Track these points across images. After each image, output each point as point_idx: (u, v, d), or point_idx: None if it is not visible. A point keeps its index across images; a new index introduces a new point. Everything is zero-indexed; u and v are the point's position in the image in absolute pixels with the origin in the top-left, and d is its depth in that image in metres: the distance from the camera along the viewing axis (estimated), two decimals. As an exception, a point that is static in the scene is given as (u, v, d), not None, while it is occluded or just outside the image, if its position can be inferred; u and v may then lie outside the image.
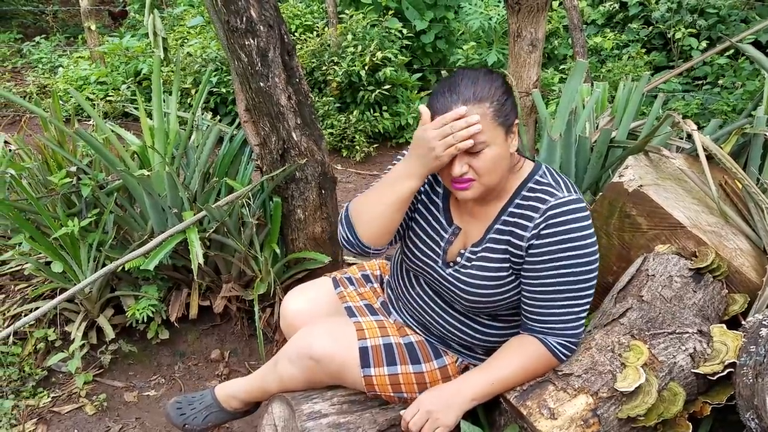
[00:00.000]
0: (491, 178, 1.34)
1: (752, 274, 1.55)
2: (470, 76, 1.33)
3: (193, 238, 2.07)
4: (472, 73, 1.34)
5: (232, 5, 1.85)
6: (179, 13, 5.90)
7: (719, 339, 1.42)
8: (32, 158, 2.46)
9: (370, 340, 1.53)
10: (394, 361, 1.52)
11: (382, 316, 1.65)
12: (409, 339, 1.58)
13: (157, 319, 2.39)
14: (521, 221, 1.37)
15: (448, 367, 1.57)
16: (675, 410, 1.31)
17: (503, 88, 1.33)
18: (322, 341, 1.52)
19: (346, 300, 1.70)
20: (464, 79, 1.32)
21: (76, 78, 5.21)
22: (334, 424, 1.50)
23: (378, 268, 1.87)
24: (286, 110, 2.05)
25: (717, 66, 4.74)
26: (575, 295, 1.34)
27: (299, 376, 1.56)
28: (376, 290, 1.79)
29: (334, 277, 1.80)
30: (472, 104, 1.28)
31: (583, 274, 1.33)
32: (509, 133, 1.34)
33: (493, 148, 1.31)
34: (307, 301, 1.75)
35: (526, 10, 1.93)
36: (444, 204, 1.52)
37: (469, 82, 1.31)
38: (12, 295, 2.46)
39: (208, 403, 1.79)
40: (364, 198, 1.47)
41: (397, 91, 4.74)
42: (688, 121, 1.75)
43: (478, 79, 1.32)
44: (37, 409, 2.19)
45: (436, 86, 1.36)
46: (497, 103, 1.30)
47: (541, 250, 1.33)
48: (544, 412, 1.31)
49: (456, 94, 1.30)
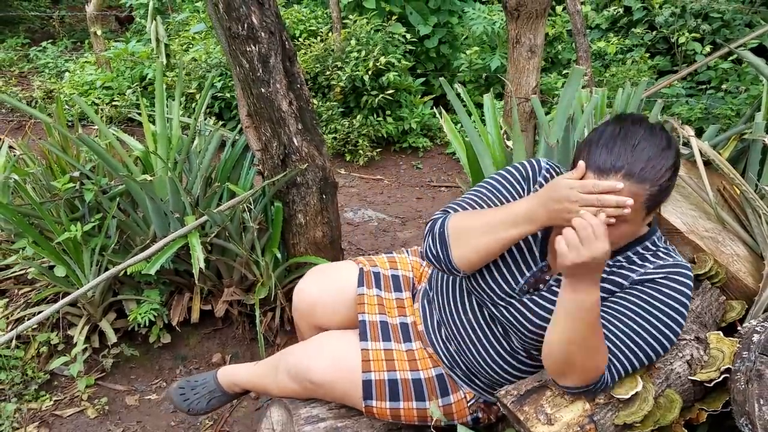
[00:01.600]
0: (615, 247, 1.25)
1: (749, 279, 1.55)
2: (648, 146, 1.15)
3: (195, 242, 2.08)
4: (651, 140, 1.16)
5: (234, 12, 1.86)
6: (184, 19, 5.94)
7: (716, 346, 1.42)
8: (36, 163, 2.48)
9: (375, 373, 1.48)
10: (398, 397, 1.48)
11: (394, 342, 1.55)
12: (418, 375, 1.51)
13: (158, 323, 2.41)
14: (631, 266, 1.30)
15: (453, 405, 1.53)
16: (671, 417, 1.32)
17: (672, 170, 1.18)
18: (323, 367, 1.49)
19: (364, 310, 1.59)
20: (640, 147, 1.15)
21: (81, 83, 5.24)
22: (332, 428, 1.51)
23: (411, 269, 1.74)
24: (287, 116, 2.06)
25: (721, 70, 4.73)
26: (654, 348, 1.27)
27: (299, 392, 1.56)
28: (403, 303, 1.65)
29: (361, 267, 1.67)
30: (632, 181, 1.13)
31: (669, 338, 1.26)
32: (649, 214, 1.23)
33: (627, 226, 1.20)
34: (328, 286, 1.66)
35: (525, 17, 1.94)
36: (544, 234, 1.38)
37: (643, 154, 1.14)
38: (15, 299, 2.47)
39: (211, 388, 1.83)
40: (469, 221, 1.34)
41: (401, 95, 4.75)
42: (686, 127, 1.75)
43: (653, 156, 1.15)
44: (40, 412, 2.21)
45: (605, 131, 1.19)
46: (658, 188, 1.16)
47: (653, 294, 1.26)
48: (541, 418, 1.32)
49: (623, 162, 1.13)
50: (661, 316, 1.25)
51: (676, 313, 1.25)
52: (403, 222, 3.73)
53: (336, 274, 1.70)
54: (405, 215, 3.83)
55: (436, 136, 4.94)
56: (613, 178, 1.14)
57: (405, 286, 1.69)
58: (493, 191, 1.42)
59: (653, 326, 1.25)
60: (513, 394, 1.36)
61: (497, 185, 1.43)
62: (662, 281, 1.27)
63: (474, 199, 1.43)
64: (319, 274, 1.71)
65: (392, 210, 3.91)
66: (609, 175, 1.14)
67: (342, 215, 3.59)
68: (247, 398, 2.30)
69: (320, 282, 1.68)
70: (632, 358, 1.27)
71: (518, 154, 1.89)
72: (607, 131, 1.18)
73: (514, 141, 1.90)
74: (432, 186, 4.35)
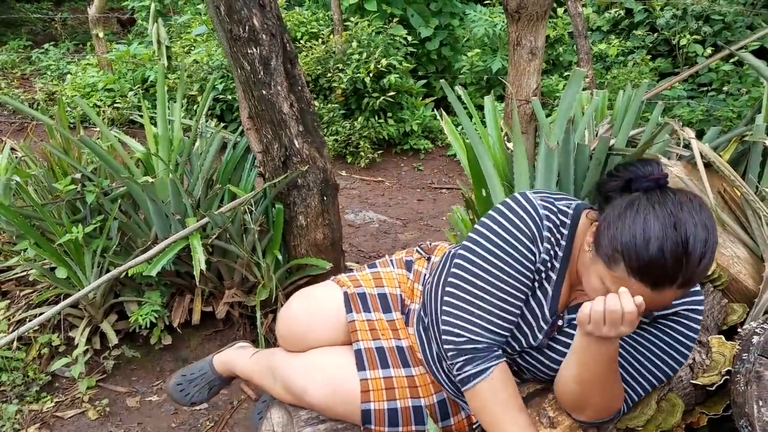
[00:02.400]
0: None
1: (749, 282, 1.55)
2: (707, 247, 1.03)
3: (196, 244, 2.08)
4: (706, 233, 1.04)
5: (235, 14, 1.87)
6: (186, 21, 5.95)
7: (717, 350, 1.42)
8: (38, 165, 2.49)
9: (374, 403, 1.42)
10: (397, 423, 1.43)
11: (392, 369, 1.47)
12: (419, 402, 1.44)
13: (160, 324, 2.41)
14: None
15: (453, 426, 1.49)
16: (673, 421, 1.32)
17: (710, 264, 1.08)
18: (320, 393, 1.44)
19: (358, 337, 1.50)
20: (702, 248, 1.03)
21: (83, 85, 5.26)
22: (332, 429, 1.50)
23: (398, 285, 1.63)
24: (288, 118, 2.07)
25: (722, 72, 4.73)
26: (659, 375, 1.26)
27: (295, 403, 1.55)
28: (395, 325, 1.56)
29: (345, 292, 1.57)
30: (683, 288, 1.05)
31: (677, 363, 1.25)
32: None
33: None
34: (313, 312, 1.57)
35: (526, 19, 1.94)
36: (556, 291, 1.27)
37: (705, 259, 1.03)
38: (17, 301, 2.48)
39: (210, 378, 1.85)
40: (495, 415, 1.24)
41: (402, 97, 4.76)
42: (687, 129, 1.75)
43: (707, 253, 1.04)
44: (41, 413, 2.21)
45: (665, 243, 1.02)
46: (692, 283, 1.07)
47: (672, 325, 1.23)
48: (544, 421, 1.32)
49: (682, 277, 1.03)
50: (678, 346, 1.25)
51: (690, 341, 1.25)
52: (404, 224, 3.73)
53: (322, 299, 1.58)
54: (406, 217, 3.83)
55: (437, 138, 4.94)
56: (671, 290, 1.05)
57: (394, 305, 1.59)
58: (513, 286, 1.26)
59: (669, 356, 1.25)
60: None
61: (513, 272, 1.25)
62: (684, 313, 1.24)
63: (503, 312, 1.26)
64: (304, 301, 1.59)
65: (393, 212, 3.91)
66: (665, 288, 1.04)
67: (343, 217, 3.59)
68: (247, 399, 2.30)
69: (308, 309, 1.58)
70: (645, 386, 1.27)
71: (519, 156, 1.89)
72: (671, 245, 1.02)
73: (515, 143, 1.90)
74: (433, 188, 4.35)
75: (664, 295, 1.05)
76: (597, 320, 1.04)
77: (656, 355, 1.25)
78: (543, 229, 1.24)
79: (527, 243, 1.23)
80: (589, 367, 1.14)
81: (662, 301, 1.07)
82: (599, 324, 1.04)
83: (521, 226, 1.24)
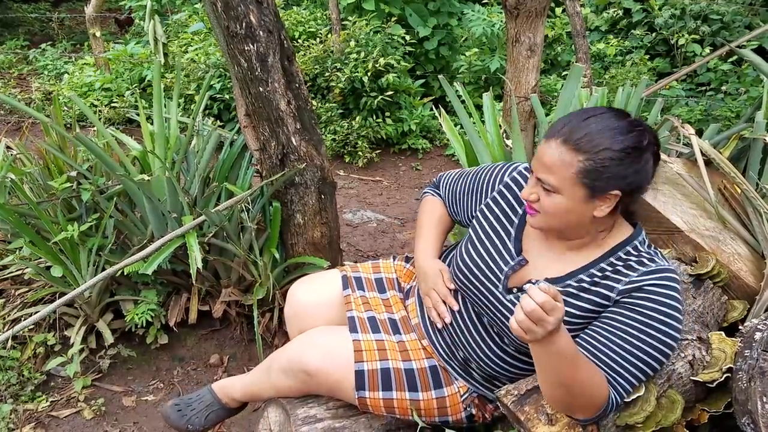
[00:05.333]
0: (551, 221, 1.29)
1: (750, 278, 1.53)
2: (599, 123, 1.20)
3: (193, 242, 2.07)
4: (608, 121, 1.21)
5: (232, 11, 1.86)
6: (183, 20, 5.93)
7: (718, 346, 1.40)
8: (33, 163, 2.47)
9: (367, 363, 1.49)
10: (390, 387, 1.48)
11: (384, 334, 1.58)
12: (411, 365, 1.53)
13: (156, 323, 2.39)
14: (616, 276, 1.29)
15: (447, 398, 1.52)
16: (673, 418, 1.30)
17: (621, 154, 1.18)
18: (316, 357, 1.50)
19: (351, 308, 1.64)
20: (591, 120, 1.21)
21: (81, 84, 5.23)
22: (330, 428, 1.49)
23: (394, 271, 1.80)
24: (285, 115, 2.05)
25: (721, 72, 4.73)
26: (650, 363, 1.24)
27: (294, 387, 1.55)
28: (388, 302, 1.71)
29: (344, 275, 1.74)
30: (566, 147, 1.19)
31: (665, 348, 1.23)
32: (596, 198, 1.22)
33: (561, 198, 1.23)
34: (315, 293, 1.73)
35: (525, 15, 1.93)
36: (517, 233, 1.43)
37: (590, 127, 1.20)
38: (12, 300, 2.46)
39: (208, 402, 1.79)
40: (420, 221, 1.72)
41: (400, 97, 4.75)
42: (687, 125, 1.74)
43: (599, 131, 1.19)
44: (36, 413, 2.19)
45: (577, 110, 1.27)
46: (594, 163, 1.18)
47: (642, 304, 1.23)
48: (542, 418, 1.30)
49: (568, 128, 1.21)
50: (656, 324, 1.22)
51: (669, 318, 1.23)
52: (403, 223, 3.72)
53: (321, 281, 1.77)
54: (404, 216, 3.82)
55: (435, 138, 4.93)
56: (553, 141, 1.22)
57: (389, 286, 1.75)
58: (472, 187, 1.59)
59: (650, 336, 1.22)
60: (513, 394, 1.35)
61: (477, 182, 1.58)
62: (650, 288, 1.24)
63: (459, 186, 1.63)
64: (306, 282, 1.78)
65: (391, 211, 3.90)
66: (551, 138, 1.23)
67: (341, 216, 3.58)
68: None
69: (307, 289, 1.75)
70: (635, 372, 1.24)
71: (518, 153, 1.88)
72: (581, 109, 1.26)
73: (514, 140, 1.89)
74: (431, 187, 4.33)
75: (549, 145, 1.22)
76: (527, 327, 1.07)
77: (632, 335, 1.23)
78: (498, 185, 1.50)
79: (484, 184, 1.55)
80: (552, 370, 1.16)
81: (546, 152, 1.23)
82: (532, 328, 1.07)
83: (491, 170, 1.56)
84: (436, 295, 1.53)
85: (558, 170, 1.21)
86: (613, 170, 1.19)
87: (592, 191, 1.21)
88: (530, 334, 1.08)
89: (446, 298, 1.52)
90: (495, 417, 1.56)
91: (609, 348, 1.24)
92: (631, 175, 1.21)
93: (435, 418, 1.53)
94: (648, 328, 1.22)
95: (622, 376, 1.24)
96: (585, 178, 1.19)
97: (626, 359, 1.23)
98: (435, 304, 1.53)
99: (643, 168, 1.23)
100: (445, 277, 1.54)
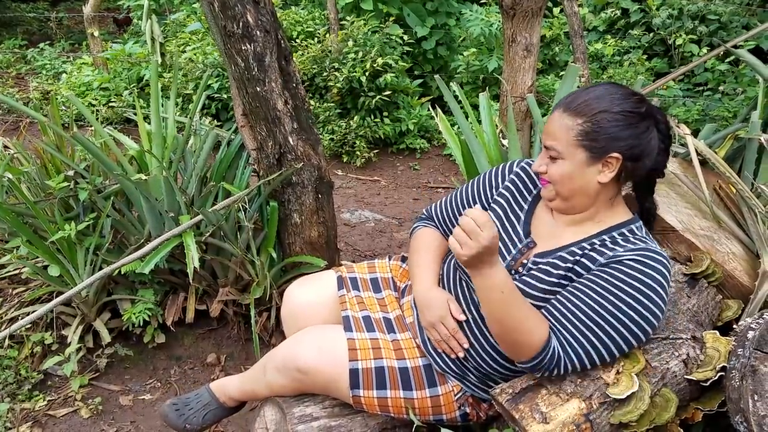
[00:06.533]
0: (561, 189, 1.33)
1: (744, 278, 1.54)
2: (600, 91, 1.29)
3: (190, 242, 2.07)
4: (609, 89, 1.30)
5: (229, 10, 1.86)
6: (181, 19, 5.93)
7: (712, 345, 1.41)
8: (31, 162, 2.47)
9: (361, 362, 1.49)
10: (385, 386, 1.49)
11: (378, 333, 1.58)
12: (405, 363, 1.53)
13: (153, 322, 2.39)
14: (601, 249, 1.31)
15: (441, 397, 1.53)
16: (667, 417, 1.31)
17: (618, 116, 1.26)
18: (309, 354, 1.51)
19: (346, 307, 1.65)
20: (592, 89, 1.30)
21: (79, 84, 5.24)
22: (325, 427, 1.49)
23: (389, 270, 1.81)
24: (282, 115, 2.05)
25: (718, 72, 4.74)
26: (621, 335, 1.25)
27: (288, 386, 1.55)
28: (384, 301, 1.71)
29: (339, 275, 1.76)
30: (567, 113, 1.29)
31: (633, 323, 1.24)
32: (598, 161, 1.28)
33: (566, 162, 1.30)
34: (311, 294, 1.74)
35: (521, 15, 1.94)
36: (528, 213, 1.48)
37: (589, 95, 1.29)
38: (9, 299, 2.46)
39: (206, 402, 1.80)
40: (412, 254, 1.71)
41: (398, 97, 4.75)
42: (682, 125, 1.75)
43: (597, 97, 1.28)
44: (33, 412, 2.20)
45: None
46: (592, 125, 1.26)
47: (619, 273, 1.25)
48: (536, 416, 1.31)
49: (570, 98, 1.31)
50: (625, 296, 1.24)
51: (643, 296, 1.23)
52: (400, 223, 3.72)
53: (317, 282, 1.78)
54: (402, 216, 3.82)
55: (433, 138, 4.94)
56: (557, 111, 1.31)
57: (384, 286, 1.76)
58: (472, 196, 1.61)
59: (616, 307, 1.24)
60: (508, 393, 1.35)
61: (475, 190, 1.61)
62: (629, 262, 1.26)
63: (454, 203, 1.64)
64: (302, 283, 1.80)
65: (389, 211, 3.90)
66: (556, 110, 1.32)
67: (339, 216, 3.58)
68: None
69: (303, 290, 1.77)
70: (593, 340, 1.26)
71: (514, 153, 1.89)
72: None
73: (510, 140, 1.90)
74: (429, 187, 4.34)
75: (553, 116, 1.31)
76: (462, 239, 1.18)
77: (601, 304, 1.25)
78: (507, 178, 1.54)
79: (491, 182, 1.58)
80: (490, 305, 1.26)
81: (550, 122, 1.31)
82: (466, 242, 1.18)
83: (496, 170, 1.60)
84: (444, 330, 1.48)
85: (561, 135, 1.29)
86: (610, 131, 1.26)
87: (592, 153, 1.27)
88: (465, 248, 1.18)
89: (456, 334, 1.47)
90: (490, 416, 1.57)
91: (568, 309, 1.28)
92: (629, 138, 1.26)
93: (429, 416, 1.53)
94: (621, 293, 1.24)
95: (580, 343, 1.26)
96: (585, 140, 1.27)
97: (583, 322, 1.26)
98: (445, 340, 1.48)
99: (643, 134, 1.28)
100: (453, 309, 1.49)
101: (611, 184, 1.33)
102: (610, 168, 1.29)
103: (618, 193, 1.38)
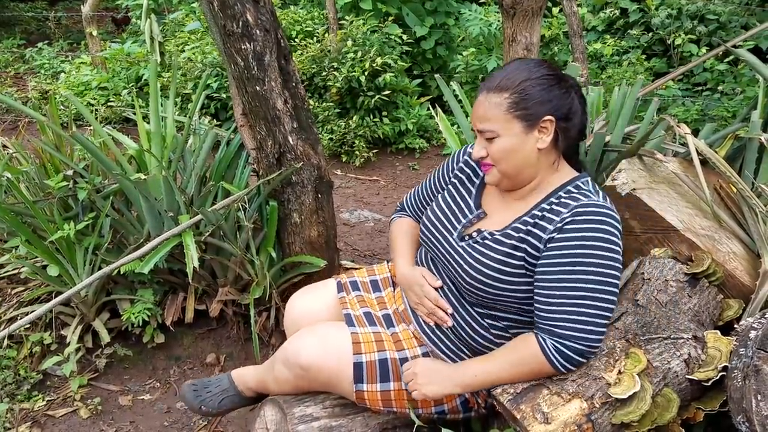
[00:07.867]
0: (506, 167, 1.37)
1: (745, 278, 1.54)
2: (515, 65, 1.37)
3: (189, 241, 2.06)
4: (523, 62, 1.38)
5: (229, 9, 1.85)
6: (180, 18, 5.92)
7: (713, 345, 1.41)
8: (30, 162, 2.46)
9: (365, 355, 1.51)
10: (388, 378, 1.51)
11: (380, 327, 1.62)
12: (405, 354, 1.55)
13: (152, 322, 2.39)
14: (549, 215, 1.35)
15: None
16: (669, 416, 1.31)
17: (540, 81, 1.33)
18: (311, 350, 1.52)
19: (346, 306, 1.68)
20: (508, 66, 1.38)
21: (77, 83, 5.23)
22: (326, 427, 1.49)
23: (388, 270, 1.84)
24: (282, 114, 2.05)
25: (717, 72, 4.74)
26: (588, 296, 1.29)
27: (291, 381, 1.56)
28: (383, 300, 1.75)
29: (339, 281, 1.79)
30: (492, 93, 1.33)
31: (600, 276, 1.29)
32: (533, 128, 1.34)
33: (504, 138, 1.34)
34: (313, 302, 1.77)
35: (521, 15, 1.94)
36: (478, 191, 1.56)
37: (508, 69, 1.36)
38: (8, 299, 2.46)
39: (225, 387, 1.83)
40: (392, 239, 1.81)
41: (397, 96, 4.75)
42: (682, 125, 1.74)
43: (514, 69, 1.35)
44: (32, 412, 2.19)
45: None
46: (519, 95, 1.32)
47: (562, 243, 1.31)
48: (538, 417, 1.31)
49: (489, 80, 1.36)
50: (586, 250, 1.28)
51: (590, 257, 1.28)
52: (400, 223, 3.72)
53: (318, 290, 1.82)
54: (401, 216, 3.82)
55: (432, 138, 4.94)
56: (480, 96, 1.36)
57: (384, 285, 1.80)
58: (433, 184, 1.70)
59: (584, 264, 1.28)
60: (510, 393, 1.35)
61: (435, 178, 1.70)
62: (567, 227, 1.31)
63: (421, 192, 1.74)
64: (303, 292, 1.84)
65: (388, 211, 3.90)
66: (479, 95, 1.38)
67: (338, 216, 3.58)
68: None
69: (305, 298, 1.80)
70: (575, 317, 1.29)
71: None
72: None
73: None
74: (428, 187, 4.33)
75: (478, 101, 1.37)
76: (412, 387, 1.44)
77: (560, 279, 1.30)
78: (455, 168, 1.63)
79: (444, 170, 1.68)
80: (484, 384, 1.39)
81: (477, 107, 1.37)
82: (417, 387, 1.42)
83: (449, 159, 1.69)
84: (429, 303, 1.55)
85: (492, 114, 1.33)
86: (536, 96, 1.32)
87: (526, 121, 1.32)
88: (418, 392, 1.42)
89: (438, 302, 1.54)
90: (489, 406, 1.57)
91: (546, 298, 1.32)
92: (555, 99, 1.33)
93: (431, 407, 1.54)
94: (579, 267, 1.28)
95: (562, 322, 1.30)
96: (516, 110, 1.32)
97: (562, 305, 1.29)
98: (432, 313, 1.55)
99: (566, 95, 1.35)
100: (428, 277, 1.57)
101: (550, 149, 1.38)
102: (546, 132, 1.35)
103: (558, 156, 1.43)
